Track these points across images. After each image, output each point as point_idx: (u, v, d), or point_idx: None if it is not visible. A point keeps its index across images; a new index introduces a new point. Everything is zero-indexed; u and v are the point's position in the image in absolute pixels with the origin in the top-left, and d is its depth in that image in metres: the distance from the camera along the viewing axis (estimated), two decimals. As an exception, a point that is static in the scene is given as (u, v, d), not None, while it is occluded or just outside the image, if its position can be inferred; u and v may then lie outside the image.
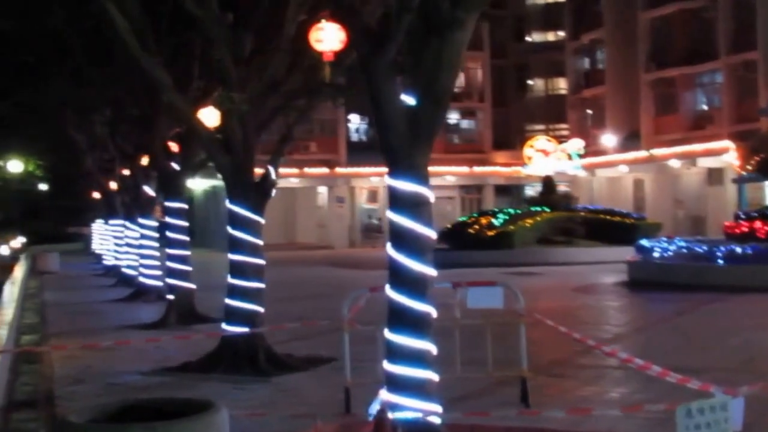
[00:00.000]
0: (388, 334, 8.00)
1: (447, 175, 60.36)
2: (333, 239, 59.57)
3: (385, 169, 8.04)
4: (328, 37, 11.22)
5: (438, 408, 7.97)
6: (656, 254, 27.00)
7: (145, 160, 24.18)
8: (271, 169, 14.59)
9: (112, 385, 13.12)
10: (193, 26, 15.18)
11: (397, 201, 7.95)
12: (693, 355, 14.23)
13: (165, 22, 17.14)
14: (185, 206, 20.34)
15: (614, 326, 18.66)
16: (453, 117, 63.25)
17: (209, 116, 14.95)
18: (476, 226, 39.34)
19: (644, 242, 28.38)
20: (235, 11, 14.21)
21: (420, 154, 7.92)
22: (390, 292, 8.00)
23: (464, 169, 60.89)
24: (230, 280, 14.25)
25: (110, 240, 39.44)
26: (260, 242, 14.38)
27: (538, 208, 40.69)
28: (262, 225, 14.40)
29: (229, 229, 14.24)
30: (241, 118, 13.71)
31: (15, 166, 42.91)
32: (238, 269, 14.20)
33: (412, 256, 7.90)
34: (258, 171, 14.32)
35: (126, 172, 28.11)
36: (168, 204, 20.29)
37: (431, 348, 8.00)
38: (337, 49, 11.13)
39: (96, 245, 47.63)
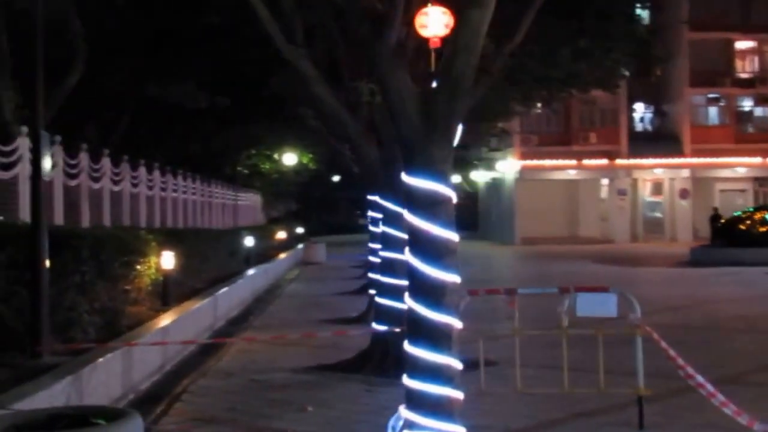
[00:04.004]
0: (406, 346, 7.27)
1: (738, 166, 56.86)
2: (615, 233, 57.62)
3: (670, 160, 7.25)
4: (432, 22, 10.44)
5: (461, 429, 7.15)
6: None
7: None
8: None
9: (253, 381, 13.03)
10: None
11: (413, 200, 7.19)
12: None
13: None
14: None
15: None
16: (746, 104, 59.30)
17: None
18: (748, 222, 36.62)
19: None
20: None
21: (437, 147, 7.13)
22: (408, 300, 7.25)
23: (757, 159, 56.96)
24: (380, 277, 13.81)
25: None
26: (412, 238, 13.81)
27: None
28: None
29: (381, 225, 13.81)
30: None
31: (289, 158, 44.39)
32: (388, 266, 13.72)
33: (429, 260, 7.10)
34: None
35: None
36: (370, 197, 20.05)
37: (453, 363, 7.17)
38: (442, 34, 10.33)
39: (377, 237, 48.63)
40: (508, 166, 58.42)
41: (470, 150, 56.98)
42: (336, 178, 69.54)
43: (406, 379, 7.27)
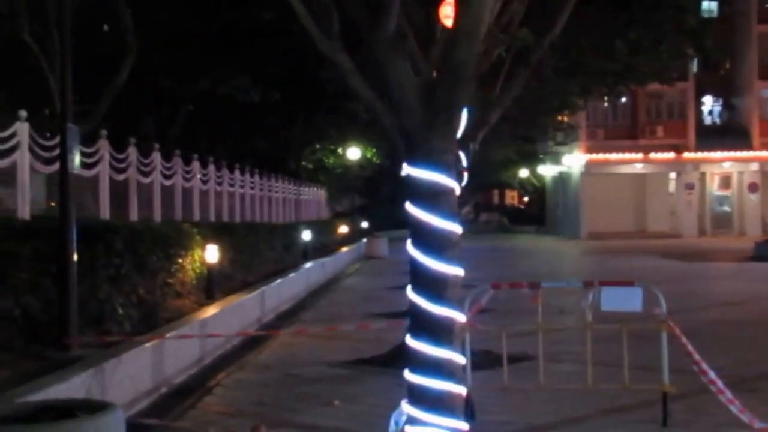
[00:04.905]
0: (408, 340, 7.18)
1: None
2: (683, 228, 56.83)
3: (738, 154, 7.08)
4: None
5: (463, 425, 7.04)
6: None
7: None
8: (462, 156, 13.81)
9: (289, 375, 13.05)
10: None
11: (414, 191, 7.12)
12: None
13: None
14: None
15: None
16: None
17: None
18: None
19: None
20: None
21: (438, 137, 7.05)
22: (410, 293, 7.17)
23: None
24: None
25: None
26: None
27: None
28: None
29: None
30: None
31: (353, 153, 44.49)
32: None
33: (430, 252, 7.01)
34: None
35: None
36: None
37: (454, 357, 7.06)
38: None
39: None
40: (574, 160, 57.91)
41: (537, 144, 56.64)
42: (403, 173, 69.57)
43: (407, 374, 7.18)
